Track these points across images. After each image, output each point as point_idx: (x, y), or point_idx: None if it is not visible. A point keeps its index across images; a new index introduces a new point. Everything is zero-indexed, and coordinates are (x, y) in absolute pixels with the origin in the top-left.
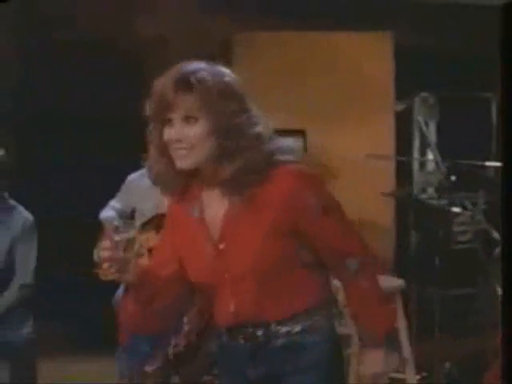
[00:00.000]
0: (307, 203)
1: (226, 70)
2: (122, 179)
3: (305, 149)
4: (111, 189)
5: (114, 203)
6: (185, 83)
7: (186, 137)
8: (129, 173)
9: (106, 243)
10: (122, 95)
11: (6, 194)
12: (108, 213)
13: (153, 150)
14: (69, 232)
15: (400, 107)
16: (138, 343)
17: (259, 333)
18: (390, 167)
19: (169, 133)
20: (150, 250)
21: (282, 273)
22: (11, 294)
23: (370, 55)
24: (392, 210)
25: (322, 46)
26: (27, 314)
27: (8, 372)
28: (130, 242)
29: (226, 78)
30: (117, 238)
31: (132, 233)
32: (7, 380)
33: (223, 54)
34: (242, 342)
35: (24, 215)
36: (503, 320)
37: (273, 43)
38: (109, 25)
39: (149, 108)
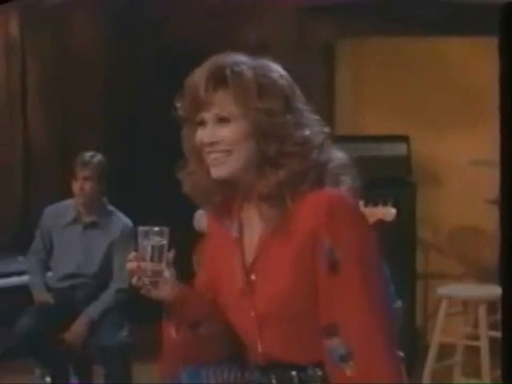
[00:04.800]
0: (322, 248)
1: (272, 65)
2: None
3: (409, 154)
4: None
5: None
6: (219, 77)
7: (221, 139)
8: None
9: (131, 254)
10: None
11: (105, 199)
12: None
13: (188, 158)
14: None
15: None
16: (190, 378)
17: (293, 373)
18: (495, 174)
19: (201, 135)
20: None
21: (315, 321)
22: (107, 297)
23: (476, 61)
24: (496, 218)
25: (427, 51)
26: (123, 318)
27: (103, 375)
28: (157, 249)
29: (270, 73)
30: (142, 244)
31: (161, 239)
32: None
33: (326, 60)
34: (274, 382)
35: (123, 221)
36: (503, 320)
37: (378, 49)
38: (208, 33)
39: (180, 108)
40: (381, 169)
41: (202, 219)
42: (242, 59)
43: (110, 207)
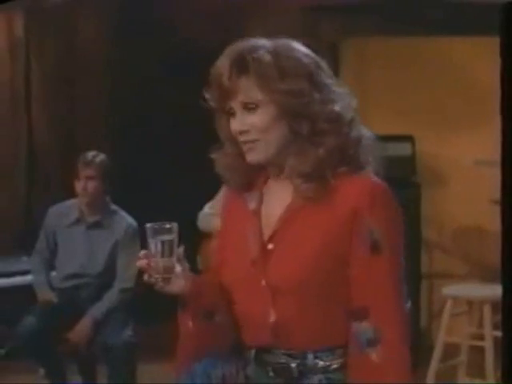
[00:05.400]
0: (364, 229)
1: (292, 43)
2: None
3: (413, 154)
4: (211, 193)
5: (208, 209)
6: (240, 64)
7: (251, 127)
8: None
9: (141, 251)
10: None
11: (108, 199)
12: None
13: (224, 142)
14: None
15: None
16: (204, 368)
17: (293, 365)
18: (499, 174)
19: (232, 124)
20: None
21: (332, 298)
22: (111, 297)
23: (479, 61)
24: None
25: (431, 51)
26: (127, 317)
27: (107, 375)
28: (167, 245)
29: (291, 53)
30: (151, 241)
31: (170, 235)
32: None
33: (329, 59)
34: (271, 374)
35: (127, 220)
36: (503, 320)
37: (382, 49)
38: (215, 29)
39: (210, 98)
40: (385, 169)
41: (205, 219)
42: (261, 43)
43: (114, 206)
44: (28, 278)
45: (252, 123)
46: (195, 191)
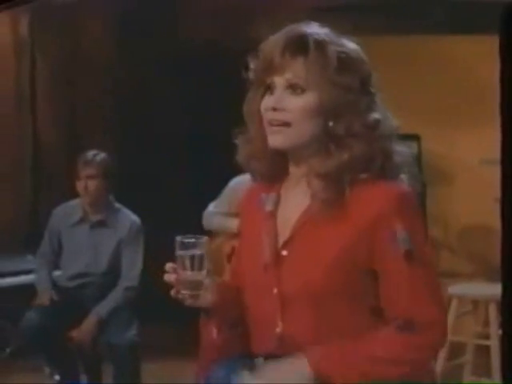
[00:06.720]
0: (394, 238)
1: (352, 43)
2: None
3: (419, 153)
4: (215, 192)
5: (213, 208)
6: (298, 44)
7: (286, 107)
8: (232, 176)
9: (168, 265)
10: (233, 99)
11: (112, 197)
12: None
13: (247, 123)
14: (173, 236)
15: None
16: (226, 372)
17: None
18: None
19: (267, 100)
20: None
21: (344, 310)
22: (116, 296)
23: (486, 59)
24: None
25: (437, 49)
26: (132, 316)
27: (112, 374)
28: (197, 259)
29: (350, 50)
30: (180, 253)
31: (201, 249)
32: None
33: None
34: None
35: (131, 218)
36: (503, 320)
37: (388, 48)
38: (220, 28)
39: (252, 70)
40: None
41: (210, 218)
42: (322, 30)
43: (117, 205)
44: (33, 277)
45: (289, 105)
46: (200, 190)
